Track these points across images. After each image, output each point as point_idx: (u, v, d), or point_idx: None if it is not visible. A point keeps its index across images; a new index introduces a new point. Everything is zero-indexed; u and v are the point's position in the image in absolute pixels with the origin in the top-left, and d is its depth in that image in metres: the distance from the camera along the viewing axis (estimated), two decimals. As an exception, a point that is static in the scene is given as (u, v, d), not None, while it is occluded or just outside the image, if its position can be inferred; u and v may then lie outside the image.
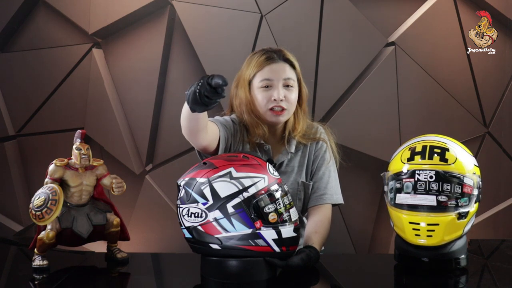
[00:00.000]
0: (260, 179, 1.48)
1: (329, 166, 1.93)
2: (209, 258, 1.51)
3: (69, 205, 1.63)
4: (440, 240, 1.56)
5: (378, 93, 2.99)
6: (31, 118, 3.01)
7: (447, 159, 1.58)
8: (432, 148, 1.60)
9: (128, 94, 3.01)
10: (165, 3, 2.97)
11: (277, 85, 1.81)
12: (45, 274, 1.58)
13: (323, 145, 1.93)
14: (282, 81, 1.82)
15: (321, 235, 1.77)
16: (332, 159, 1.94)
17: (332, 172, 1.93)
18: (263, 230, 1.46)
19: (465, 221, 1.57)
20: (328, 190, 1.89)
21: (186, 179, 1.52)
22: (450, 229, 1.56)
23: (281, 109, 1.81)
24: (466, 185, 1.56)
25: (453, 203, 1.56)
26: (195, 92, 1.36)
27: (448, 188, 1.55)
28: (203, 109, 1.41)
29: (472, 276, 1.60)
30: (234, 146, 1.85)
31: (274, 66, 1.83)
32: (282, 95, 1.81)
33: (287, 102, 1.82)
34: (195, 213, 1.48)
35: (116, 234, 1.68)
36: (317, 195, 1.89)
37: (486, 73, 3.03)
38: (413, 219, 1.57)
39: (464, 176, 1.56)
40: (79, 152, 1.60)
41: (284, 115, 1.83)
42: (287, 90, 1.83)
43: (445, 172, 1.56)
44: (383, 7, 2.99)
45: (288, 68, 1.85)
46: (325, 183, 1.90)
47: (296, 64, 1.88)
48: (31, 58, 2.98)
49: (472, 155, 1.65)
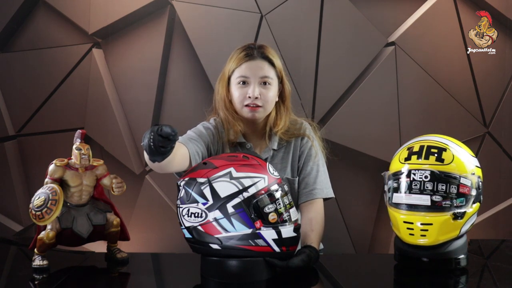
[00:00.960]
0: (260, 179, 1.48)
1: (317, 161, 1.93)
2: (209, 258, 1.51)
3: (69, 205, 1.63)
4: (434, 240, 1.57)
5: (378, 93, 2.99)
6: (31, 118, 3.01)
7: (444, 159, 1.58)
8: (429, 148, 1.61)
9: (128, 94, 3.01)
10: (165, 3, 2.97)
11: (253, 82, 1.83)
12: (45, 274, 1.58)
13: (308, 141, 1.94)
14: (259, 78, 1.83)
15: (317, 232, 1.78)
16: (319, 153, 1.94)
17: (320, 166, 1.93)
18: (263, 230, 1.46)
19: (461, 221, 1.56)
20: (318, 185, 1.89)
21: (186, 179, 1.52)
22: (445, 229, 1.56)
23: (256, 106, 1.83)
24: (462, 185, 1.56)
25: (448, 203, 1.56)
26: (149, 145, 1.36)
27: (443, 188, 1.56)
28: (162, 158, 1.41)
29: (472, 276, 1.60)
30: (215, 150, 1.87)
31: (252, 64, 1.84)
32: (257, 93, 1.82)
33: (263, 99, 1.83)
34: (195, 213, 1.48)
35: (116, 234, 1.69)
36: (307, 190, 1.89)
37: (486, 73, 3.03)
38: (408, 218, 1.58)
39: (461, 177, 1.56)
40: (79, 152, 1.60)
41: (259, 112, 1.84)
42: (263, 88, 1.83)
43: (441, 172, 1.56)
44: (383, 7, 2.99)
45: (266, 65, 1.85)
46: (314, 178, 1.90)
47: (277, 62, 1.88)
48: (31, 58, 2.98)
49: (473, 155, 1.65)
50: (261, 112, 1.84)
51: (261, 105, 1.83)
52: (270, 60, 1.86)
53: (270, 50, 1.89)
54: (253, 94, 1.81)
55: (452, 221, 1.55)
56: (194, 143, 1.78)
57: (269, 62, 1.86)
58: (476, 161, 1.64)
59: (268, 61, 1.86)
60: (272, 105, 1.87)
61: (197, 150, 1.76)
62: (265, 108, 1.84)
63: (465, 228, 1.59)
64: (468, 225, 1.60)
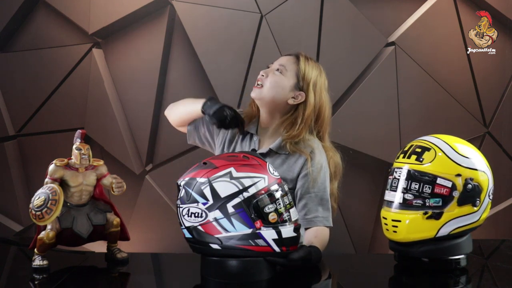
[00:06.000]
0: (260, 179, 1.48)
1: (320, 189, 1.84)
2: (209, 258, 1.51)
3: (69, 205, 1.63)
4: (403, 237, 1.59)
5: (378, 93, 2.99)
6: (31, 118, 3.01)
7: (423, 159, 1.59)
8: (415, 147, 1.63)
9: (128, 94, 3.01)
10: (165, 3, 2.97)
11: (271, 67, 1.91)
12: (45, 274, 1.58)
13: (315, 165, 1.83)
14: (277, 65, 1.89)
15: (320, 239, 1.77)
16: (323, 179, 1.86)
17: (324, 195, 1.85)
18: (263, 230, 1.46)
19: (438, 221, 1.56)
20: (320, 213, 1.83)
21: (186, 179, 1.52)
22: (416, 228, 1.57)
23: (258, 85, 1.88)
24: (439, 185, 1.56)
25: (419, 202, 1.57)
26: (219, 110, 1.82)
27: (416, 187, 1.57)
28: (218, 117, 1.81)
29: (472, 276, 1.60)
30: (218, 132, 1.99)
31: (282, 57, 1.94)
32: (264, 72, 1.88)
33: (265, 80, 1.87)
34: (195, 213, 1.48)
35: (116, 234, 1.68)
36: (309, 217, 1.83)
37: (486, 73, 3.03)
38: (383, 213, 1.65)
39: (437, 177, 1.56)
40: (79, 152, 1.60)
41: (256, 91, 1.88)
42: (273, 72, 1.87)
43: (415, 171, 1.58)
44: (383, 7, 2.99)
45: (291, 60, 1.90)
46: (316, 206, 1.83)
47: (305, 67, 1.88)
48: (31, 58, 2.98)
49: (470, 159, 1.60)
50: (258, 92, 1.88)
51: (262, 85, 1.87)
52: (298, 59, 1.89)
53: (307, 57, 1.91)
54: (261, 72, 1.89)
55: (424, 220, 1.56)
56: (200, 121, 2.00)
57: (296, 59, 1.89)
58: (476, 165, 1.59)
59: (296, 59, 1.90)
60: (273, 92, 1.86)
61: (196, 124, 2.00)
62: (264, 90, 1.87)
63: (446, 229, 1.56)
64: (453, 226, 1.56)
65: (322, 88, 1.91)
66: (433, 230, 1.57)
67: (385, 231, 1.65)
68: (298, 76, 1.88)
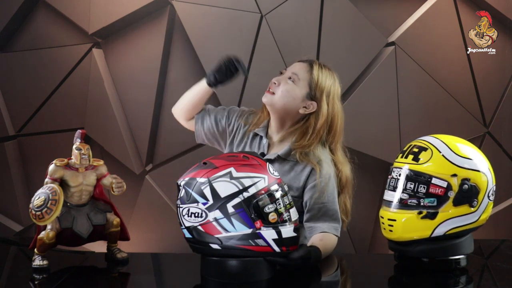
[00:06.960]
0: (260, 179, 1.48)
1: (329, 199, 1.82)
2: (209, 258, 1.51)
3: (69, 205, 1.63)
4: (399, 236, 1.60)
5: (378, 93, 2.99)
6: (31, 118, 3.01)
7: (420, 158, 1.59)
8: (413, 147, 1.63)
9: (128, 94, 3.01)
10: (165, 3, 2.97)
11: (284, 74, 1.88)
12: (45, 274, 1.58)
13: (323, 175, 1.80)
14: (290, 73, 1.86)
15: (324, 244, 1.71)
16: (332, 189, 1.83)
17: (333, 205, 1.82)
18: (263, 230, 1.46)
19: (433, 221, 1.56)
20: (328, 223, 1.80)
21: (186, 179, 1.52)
22: (411, 227, 1.57)
23: (270, 91, 1.86)
24: (434, 185, 1.56)
25: (414, 202, 1.57)
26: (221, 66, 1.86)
27: (411, 186, 1.58)
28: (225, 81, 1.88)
29: (472, 276, 1.60)
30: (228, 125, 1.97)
31: (296, 63, 1.91)
32: (277, 80, 1.86)
33: (278, 88, 1.85)
34: (195, 213, 1.48)
35: (116, 234, 1.68)
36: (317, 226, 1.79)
37: (486, 73, 3.03)
38: (381, 213, 1.66)
39: (433, 177, 1.56)
40: (79, 152, 1.60)
41: (268, 97, 1.86)
42: (285, 81, 1.85)
43: (411, 171, 1.59)
44: (383, 7, 2.99)
45: (304, 68, 1.87)
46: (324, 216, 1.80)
47: (317, 76, 1.85)
48: (31, 58, 2.98)
49: (468, 159, 1.59)
50: (269, 98, 1.85)
51: (273, 92, 1.85)
52: (311, 67, 1.86)
53: (322, 65, 1.89)
54: (273, 80, 1.87)
55: (419, 220, 1.56)
56: (212, 112, 1.99)
57: (310, 68, 1.86)
58: (477, 165, 1.59)
59: (310, 67, 1.87)
60: (285, 100, 1.83)
61: (203, 115, 1.99)
62: (275, 97, 1.84)
63: (442, 229, 1.56)
64: (449, 226, 1.56)
65: (335, 98, 1.88)
66: (428, 230, 1.57)
67: (382, 230, 1.66)
68: (310, 86, 1.85)
